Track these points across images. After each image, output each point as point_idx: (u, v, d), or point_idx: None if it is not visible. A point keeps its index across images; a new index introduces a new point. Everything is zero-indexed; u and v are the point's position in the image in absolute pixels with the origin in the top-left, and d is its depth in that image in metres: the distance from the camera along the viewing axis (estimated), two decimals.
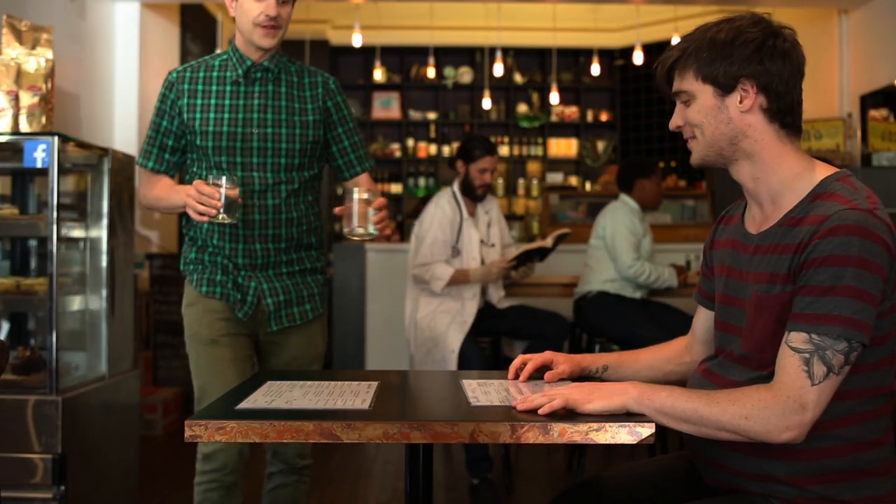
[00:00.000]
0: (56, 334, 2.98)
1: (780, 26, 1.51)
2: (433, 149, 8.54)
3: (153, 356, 5.16)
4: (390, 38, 8.25)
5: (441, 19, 7.87)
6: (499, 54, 7.10)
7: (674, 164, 8.03)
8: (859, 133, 5.42)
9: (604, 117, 8.68)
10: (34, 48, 3.22)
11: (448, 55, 8.58)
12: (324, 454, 4.31)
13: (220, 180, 2.13)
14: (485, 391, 1.63)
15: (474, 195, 3.92)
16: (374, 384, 1.71)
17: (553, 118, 8.62)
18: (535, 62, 8.75)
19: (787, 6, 6.42)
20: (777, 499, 1.47)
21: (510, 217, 8.11)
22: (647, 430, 1.37)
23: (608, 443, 1.39)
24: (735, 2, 6.65)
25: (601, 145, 8.60)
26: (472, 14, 7.94)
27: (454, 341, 3.73)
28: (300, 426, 1.37)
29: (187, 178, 2.42)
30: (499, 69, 7.17)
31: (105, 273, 3.34)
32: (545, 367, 1.75)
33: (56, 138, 2.97)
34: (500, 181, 8.46)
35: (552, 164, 8.62)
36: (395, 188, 8.38)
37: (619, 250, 4.06)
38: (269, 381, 1.75)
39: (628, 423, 1.38)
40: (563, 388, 1.48)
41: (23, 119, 3.10)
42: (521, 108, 8.65)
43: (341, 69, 8.60)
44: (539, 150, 8.60)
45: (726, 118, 1.50)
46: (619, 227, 4.09)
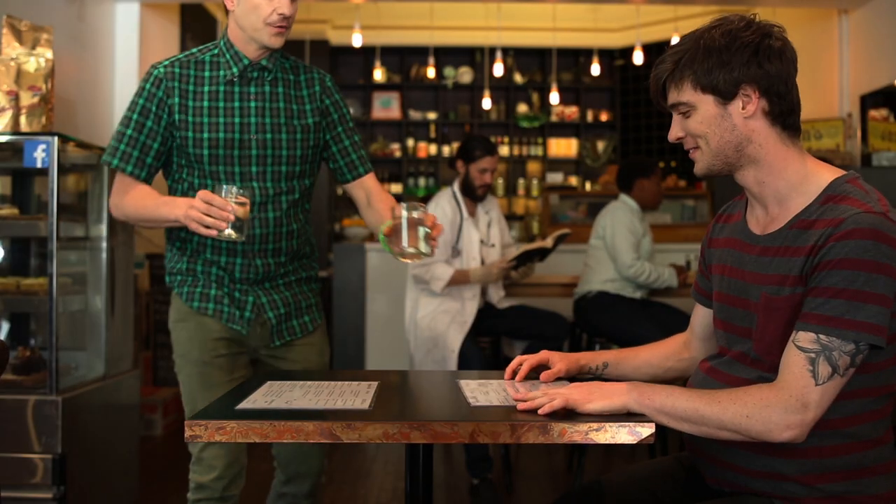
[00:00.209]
0: (56, 334, 2.98)
1: (770, 25, 1.49)
2: (433, 149, 8.53)
3: (153, 356, 5.16)
4: (390, 38, 8.25)
5: (441, 19, 7.87)
6: (499, 54, 7.10)
7: (674, 164, 8.03)
8: (859, 133, 5.42)
9: (604, 117, 8.68)
10: (34, 48, 3.22)
11: (448, 55, 8.58)
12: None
13: (231, 191, 1.91)
14: (484, 391, 1.63)
15: (474, 195, 3.92)
16: (374, 384, 1.71)
17: (553, 118, 8.62)
18: (535, 62, 8.75)
19: (787, 6, 6.42)
20: (784, 498, 1.47)
21: (510, 217, 8.11)
22: (647, 430, 1.37)
23: (608, 443, 1.39)
24: (735, 1, 6.66)
25: (601, 145, 8.59)
26: (472, 14, 7.93)
27: (454, 341, 3.73)
28: (300, 426, 1.37)
29: (172, 187, 2.22)
30: (499, 69, 7.17)
31: (105, 273, 3.34)
32: (542, 366, 1.75)
33: (56, 138, 2.97)
34: (500, 181, 8.45)
35: (552, 164, 8.62)
36: (395, 188, 8.38)
37: (618, 250, 4.06)
38: (269, 381, 1.75)
39: (628, 423, 1.38)
40: (563, 387, 1.48)
41: (23, 119, 3.10)
42: (521, 108, 8.64)
43: (341, 69, 8.60)
44: (539, 150, 8.60)
45: (730, 126, 1.48)
46: (619, 227, 4.09)
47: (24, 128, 3.09)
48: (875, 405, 1.45)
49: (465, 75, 8.57)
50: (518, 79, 8.63)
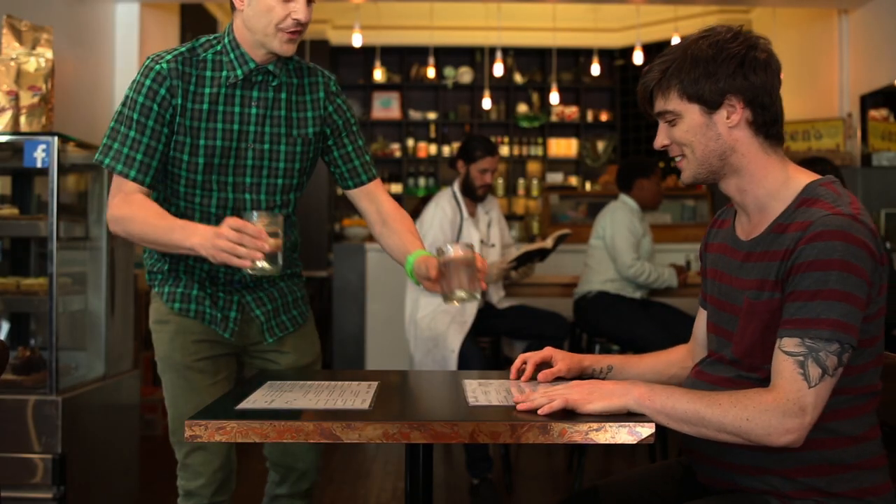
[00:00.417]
0: (56, 334, 2.98)
1: (756, 37, 1.52)
2: (433, 149, 8.54)
3: (153, 356, 5.15)
4: (390, 38, 8.25)
5: (441, 19, 7.87)
6: (499, 54, 7.11)
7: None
8: (859, 133, 5.42)
9: (604, 117, 8.68)
10: (34, 48, 3.22)
11: (448, 55, 8.58)
12: (324, 454, 4.31)
13: (262, 217, 1.74)
14: (485, 391, 1.63)
15: (475, 195, 3.92)
16: (374, 384, 1.71)
17: (553, 118, 8.62)
18: (535, 62, 8.75)
19: (787, 6, 6.42)
20: (771, 493, 1.48)
21: (510, 217, 8.11)
22: (647, 430, 1.37)
23: (608, 443, 1.39)
24: (735, 1, 6.66)
25: (601, 145, 8.60)
26: (472, 14, 7.93)
27: (454, 341, 3.73)
28: (300, 426, 1.37)
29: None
30: (499, 69, 7.17)
31: (105, 273, 3.34)
32: (546, 363, 1.75)
33: (56, 138, 2.97)
34: (500, 181, 8.46)
35: (552, 164, 8.62)
36: (395, 188, 8.38)
37: (618, 250, 4.06)
38: (269, 381, 1.75)
39: (628, 423, 1.38)
40: (564, 387, 1.48)
41: (23, 119, 3.10)
42: (521, 108, 8.65)
43: (341, 69, 8.60)
44: (539, 150, 8.60)
45: (715, 135, 1.51)
46: (619, 227, 4.09)
47: (24, 128, 3.09)
48: (855, 402, 1.46)
49: (465, 75, 8.57)
50: (518, 79, 8.64)
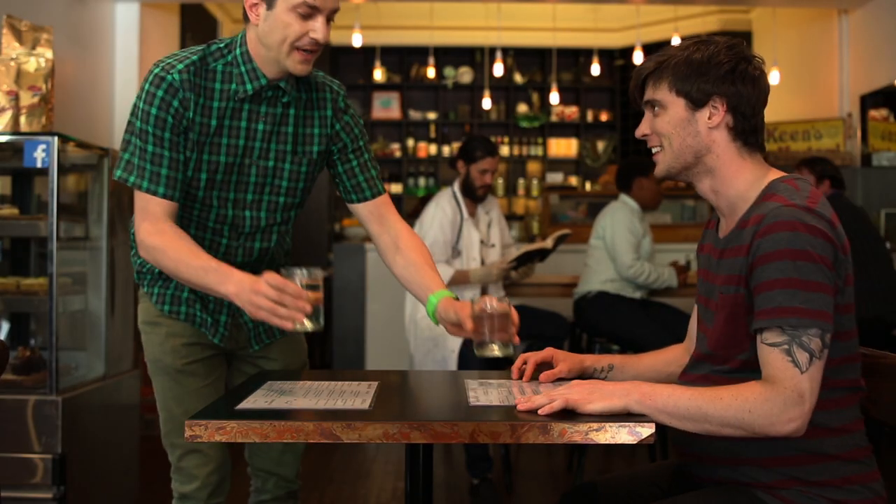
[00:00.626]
0: (56, 334, 2.98)
1: (753, 55, 1.59)
2: (433, 149, 8.54)
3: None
4: (390, 38, 8.25)
5: (441, 19, 7.87)
6: (499, 54, 7.10)
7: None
8: (859, 133, 5.43)
9: (604, 117, 8.68)
10: (34, 48, 3.22)
11: (448, 55, 8.58)
12: (324, 454, 4.31)
13: (302, 274, 1.67)
14: (485, 391, 1.63)
15: (475, 196, 3.92)
16: (374, 384, 1.71)
17: (553, 118, 8.62)
18: (535, 62, 8.75)
19: (787, 6, 6.42)
20: (754, 485, 1.50)
21: (510, 217, 8.11)
22: (647, 431, 1.37)
23: (608, 443, 1.39)
24: (735, 1, 6.66)
25: (601, 145, 8.60)
26: (472, 14, 7.93)
27: (454, 341, 3.73)
28: (300, 426, 1.37)
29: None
30: (499, 69, 7.17)
31: (105, 273, 3.34)
32: (546, 363, 1.76)
33: (56, 138, 2.97)
34: (500, 181, 8.46)
35: (552, 164, 8.62)
36: (395, 188, 8.38)
37: (618, 250, 4.06)
38: (269, 381, 1.75)
39: (628, 423, 1.38)
40: (564, 388, 1.49)
41: (23, 119, 3.10)
42: (521, 108, 8.65)
43: (341, 69, 8.60)
44: (539, 150, 8.60)
45: (694, 131, 1.57)
46: (619, 227, 4.09)
47: (24, 128, 3.09)
48: (832, 396, 1.48)
49: (465, 75, 8.57)
50: (518, 79, 8.64)
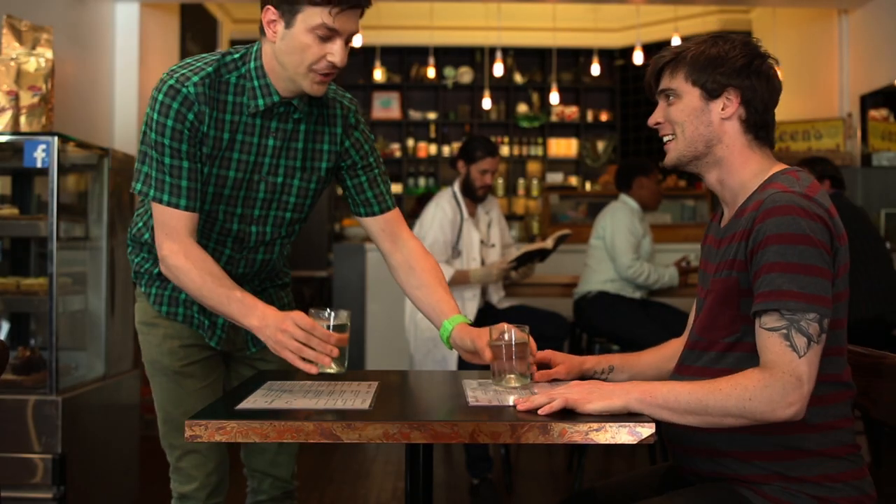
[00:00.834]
0: (56, 334, 2.98)
1: (767, 53, 1.62)
2: (433, 149, 8.54)
3: None
4: (390, 38, 8.25)
5: (441, 19, 7.87)
6: (499, 54, 7.10)
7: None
8: (859, 133, 5.43)
9: (604, 117, 8.68)
10: (34, 48, 3.22)
11: (448, 55, 8.58)
12: (324, 454, 4.31)
13: (330, 317, 1.64)
14: (485, 391, 1.63)
15: (475, 196, 3.92)
16: (374, 384, 1.71)
17: (553, 118, 8.62)
18: (535, 62, 8.75)
19: (787, 6, 6.42)
20: (737, 480, 1.50)
21: (510, 217, 8.11)
22: (647, 430, 1.37)
23: (608, 443, 1.39)
24: (735, 1, 6.66)
25: (601, 145, 8.60)
26: (472, 14, 7.93)
27: None
28: (300, 426, 1.37)
29: (147, 221, 1.95)
30: (499, 69, 7.17)
31: (105, 273, 3.34)
32: (545, 365, 1.77)
33: (56, 138, 2.97)
34: (500, 181, 8.45)
35: (552, 164, 8.62)
36: (396, 188, 8.38)
37: (618, 251, 4.06)
38: (269, 381, 1.75)
39: (628, 423, 1.38)
40: (563, 387, 1.49)
41: (23, 119, 3.10)
42: (521, 108, 8.64)
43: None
44: (539, 150, 8.60)
45: (707, 121, 1.60)
46: (619, 227, 4.09)
47: (24, 128, 3.09)
48: (819, 391, 1.47)
49: (465, 75, 8.57)
50: (518, 79, 8.63)
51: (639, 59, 6.91)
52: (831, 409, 1.50)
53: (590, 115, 8.68)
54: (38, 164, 2.97)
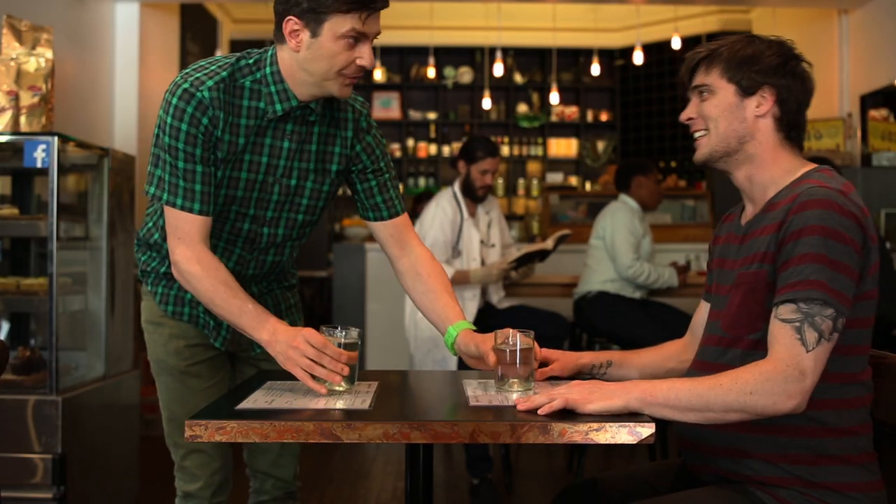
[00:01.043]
0: (56, 334, 2.98)
1: (802, 55, 1.63)
2: (433, 149, 8.54)
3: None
4: (390, 38, 8.23)
5: (441, 19, 7.87)
6: (499, 54, 7.10)
7: (674, 164, 8.03)
8: (859, 133, 5.42)
9: (604, 117, 8.68)
10: (34, 48, 3.22)
11: (448, 55, 8.58)
12: (324, 454, 4.31)
13: (340, 335, 1.63)
14: (485, 391, 1.63)
15: (475, 196, 3.92)
16: (374, 384, 1.71)
17: (553, 118, 8.62)
18: (535, 62, 8.75)
19: (787, 6, 6.42)
20: (753, 481, 1.50)
21: (510, 217, 8.11)
22: (647, 430, 1.37)
23: (608, 443, 1.39)
24: (735, 1, 6.66)
25: (601, 145, 8.60)
26: (472, 14, 7.93)
27: None
28: (300, 426, 1.37)
29: (156, 221, 1.96)
30: (499, 69, 7.17)
31: (105, 273, 3.34)
32: (542, 364, 1.77)
33: (56, 138, 2.97)
34: (500, 181, 8.45)
35: (552, 164, 8.62)
36: None
37: (618, 251, 4.06)
38: (269, 381, 1.75)
39: (628, 423, 1.38)
40: (564, 387, 1.49)
41: (23, 119, 3.10)
42: (521, 108, 8.64)
43: None
44: (539, 150, 8.60)
45: (741, 117, 1.60)
46: (619, 227, 4.09)
47: (24, 128, 3.09)
48: (841, 393, 1.48)
49: (465, 75, 8.57)
50: (518, 79, 8.63)
51: (639, 59, 6.90)
52: (855, 413, 1.50)
53: (590, 115, 8.68)
54: (38, 164, 2.97)
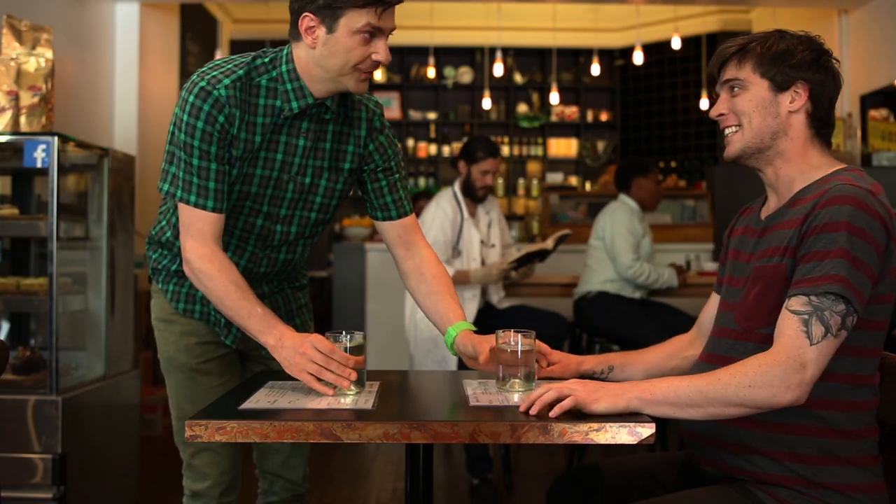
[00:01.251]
0: (56, 334, 2.98)
1: (831, 51, 1.63)
2: (433, 149, 8.53)
3: (153, 356, 5.15)
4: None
5: (441, 19, 7.87)
6: (499, 54, 7.10)
7: (674, 164, 8.03)
8: (859, 133, 5.42)
9: (604, 117, 8.68)
10: (34, 48, 3.22)
11: (448, 55, 8.58)
12: (324, 454, 4.31)
13: (347, 340, 1.63)
14: (485, 391, 1.63)
15: (475, 196, 3.92)
16: (375, 384, 1.71)
17: (553, 118, 8.62)
18: (535, 62, 8.75)
19: (787, 6, 6.43)
20: (755, 479, 1.50)
21: (510, 217, 8.11)
22: (647, 430, 1.37)
23: (608, 443, 1.39)
24: (735, 1, 6.66)
25: (601, 145, 8.60)
26: (472, 14, 7.93)
27: None
28: (300, 426, 1.37)
29: (169, 218, 1.97)
30: (499, 69, 7.17)
31: (105, 273, 3.34)
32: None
33: (56, 138, 2.97)
34: (500, 181, 8.45)
35: (552, 164, 8.62)
36: None
37: (618, 251, 4.06)
38: (270, 382, 1.75)
39: (628, 423, 1.38)
40: (572, 383, 1.48)
41: (23, 119, 3.10)
42: (521, 108, 8.64)
43: None
44: (539, 150, 8.60)
45: (775, 112, 1.59)
46: (619, 227, 4.09)
47: (24, 128, 3.09)
48: (851, 395, 1.48)
49: (465, 75, 8.57)
50: (518, 79, 8.63)
51: (639, 59, 6.90)
52: (863, 416, 1.50)
53: (590, 115, 8.68)
54: (38, 164, 2.97)
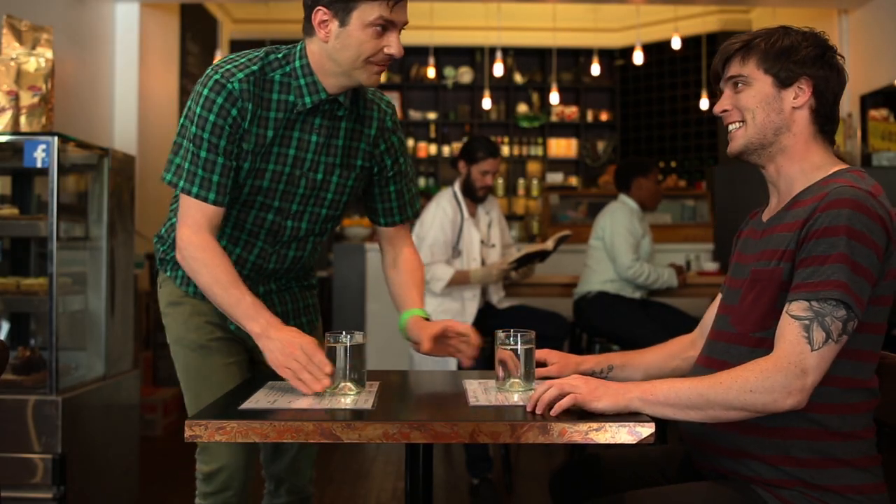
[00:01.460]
0: (56, 334, 2.98)
1: (835, 47, 1.62)
2: (433, 149, 8.53)
3: (153, 356, 5.16)
4: None
5: (441, 19, 7.87)
6: (499, 54, 7.10)
7: (674, 164, 8.03)
8: (859, 133, 5.42)
9: (604, 117, 8.68)
10: (34, 48, 3.22)
11: (448, 55, 8.58)
12: (324, 454, 4.31)
13: (344, 339, 1.63)
14: (485, 391, 1.63)
15: (475, 196, 3.92)
16: (375, 384, 1.71)
17: (553, 118, 8.61)
18: (535, 62, 8.75)
19: (787, 6, 6.42)
20: (755, 480, 1.50)
21: (510, 217, 8.11)
22: (647, 430, 1.37)
23: (608, 443, 1.39)
24: (735, 1, 6.66)
25: (601, 145, 8.59)
26: (472, 14, 7.93)
27: None
28: (300, 426, 1.37)
29: (173, 222, 1.98)
30: (499, 69, 7.17)
31: (105, 273, 3.34)
32: (541, 364, 1.79)
33: (56, 138, 2.97)
34: (500, 181, 8.45)
35: (552, 164, 8.61)
36: None
37: (618, 251, 4.06)
38: (270, 382, 1.75)
39: (628, 423, 1.38)
40: (572, 378, 1.48)
41: (23, 119, 3.10)
42: (521, 108, 8.64)
43: None
44: (539, 150, 8.60)
45: (778, 108, 1.59)
46: (619, 227, 4.09)
47: (24, 128, 3.09)
48: (846, 398, 1.48)
49: (465, 75, 8.57)
50: (518, 79, 8.63)
51: (639, 59, 6.90)
52: (860, 417, 1.49)
53: (590, 115, 8.68)
54: (38, 164, 2.97)
